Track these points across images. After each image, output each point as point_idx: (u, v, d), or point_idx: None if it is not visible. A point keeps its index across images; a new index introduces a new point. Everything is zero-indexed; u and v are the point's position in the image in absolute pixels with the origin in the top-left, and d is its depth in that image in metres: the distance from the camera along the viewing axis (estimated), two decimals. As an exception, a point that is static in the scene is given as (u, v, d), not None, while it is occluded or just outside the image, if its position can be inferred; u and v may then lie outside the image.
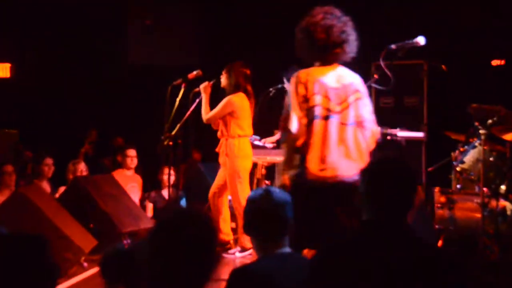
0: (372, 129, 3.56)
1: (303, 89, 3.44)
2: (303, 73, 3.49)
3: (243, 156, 5.49)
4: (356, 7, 7.59)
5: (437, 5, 7.15)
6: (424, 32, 4.02)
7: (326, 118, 3.43)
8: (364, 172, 2.23)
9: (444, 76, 6.09)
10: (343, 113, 3.46)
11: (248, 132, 5.61)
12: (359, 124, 3.50)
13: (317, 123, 3.42)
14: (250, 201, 2.70)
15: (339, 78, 3.53)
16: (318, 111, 3.42)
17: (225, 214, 5.67)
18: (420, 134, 6.81)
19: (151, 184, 7.19)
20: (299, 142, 3.43)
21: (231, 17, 8.31)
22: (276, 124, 6.73)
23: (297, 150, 3.45)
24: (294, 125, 3.42)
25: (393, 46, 4.01)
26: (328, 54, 3.50)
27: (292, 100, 3.47)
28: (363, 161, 3.42)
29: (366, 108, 3.54)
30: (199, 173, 7.22)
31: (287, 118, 3.48)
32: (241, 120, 5.51)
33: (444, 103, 7.08)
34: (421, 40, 4.01)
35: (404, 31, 4.32)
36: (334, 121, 3.43)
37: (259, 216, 2.63)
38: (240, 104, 5.50)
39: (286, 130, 3.47)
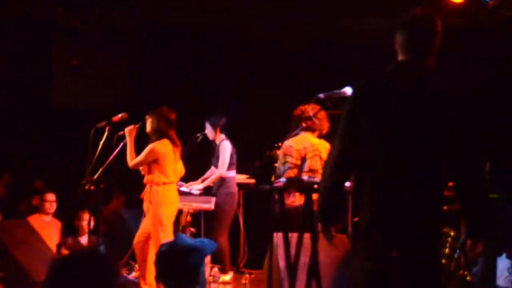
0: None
1: (281, 153, 5.07)
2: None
3: (167, 203, 5.36)
4: (290, 54, 7.79)
5: (372, 49, 7.33)
6: (358, 75, 4.04)
7: (291, 168, 4.94)
8: (396, 26, 2.84)
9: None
10: (302, 164, 4.94)
11: (173, 179, 5.47)
12: (314, 172, 4.91)
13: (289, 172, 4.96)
14: (160, 249, 2.80)
15: (303, 143, 4.98)
16: (288, 164, 4.95)
17: (150, 262, 5.45)
18: (346, 184, 6.83)
19: (68, 230, 6.86)
20: None
21: (161, 59, 8.22)
22: (203, 170, 6.70)
23: None
24: None
25: (321, 96, 4.02)
26: (298, 124, 5.04)
27: None
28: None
29: (319, 161, 4.98)
30: (121, 219, 6.99)
31: None
32: (165, 167, 5.38)
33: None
34: (348, 90, 4.01)
35: (336, 81, 4.33)
36: (295, 169, 4.95)
37: (167, 264, 2.69)
38: (163, 151, 5.38)
39: None
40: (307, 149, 4.96)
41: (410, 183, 2.67)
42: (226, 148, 6.40)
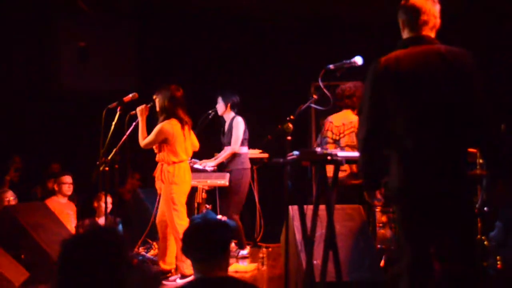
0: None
1: (324, 127, 5.59)
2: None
3: (178, 182, 5.35)
4: (297, 28, 7.73)
5: (374, 26, 7.27)
6: (362, 52, 4.02)
7: (329, 143, 5.45)
8: (398, 8, 3.09)
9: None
10: (340, 140, 5.41)
11: (184, 157, 5.46)
12: (352, 147, 5.25)
13: (328, 146, 5.43)
14: (190, 222, 2.77)
15: (342, 119, 5.45)
16: (327, 139, 5.46)
17: (171, 242, 5.47)
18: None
19: (86, 211, 6.92)
20: None
21: (170, 39, 8.19)
22: (215, 147, 6.71)
23: None
24: None
25: (331, 66, 4.00)
26: (341, 102, 5.46)
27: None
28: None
29: (355, 137, 5.28)
30: (138, 198, 7.03)
31: None
32: (175, 146, 5.37)
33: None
34: (358, 60, 4.00)
35: (344, 51, 4.30)
36: (333, 144, 5.41)
37: (195, 238, 2.68)
38: (172, 131, 5.36)
39: None
40: (345, 125, 5.42)
41: (437, 143, 2.88)
42: (239, 124, 6.40)
